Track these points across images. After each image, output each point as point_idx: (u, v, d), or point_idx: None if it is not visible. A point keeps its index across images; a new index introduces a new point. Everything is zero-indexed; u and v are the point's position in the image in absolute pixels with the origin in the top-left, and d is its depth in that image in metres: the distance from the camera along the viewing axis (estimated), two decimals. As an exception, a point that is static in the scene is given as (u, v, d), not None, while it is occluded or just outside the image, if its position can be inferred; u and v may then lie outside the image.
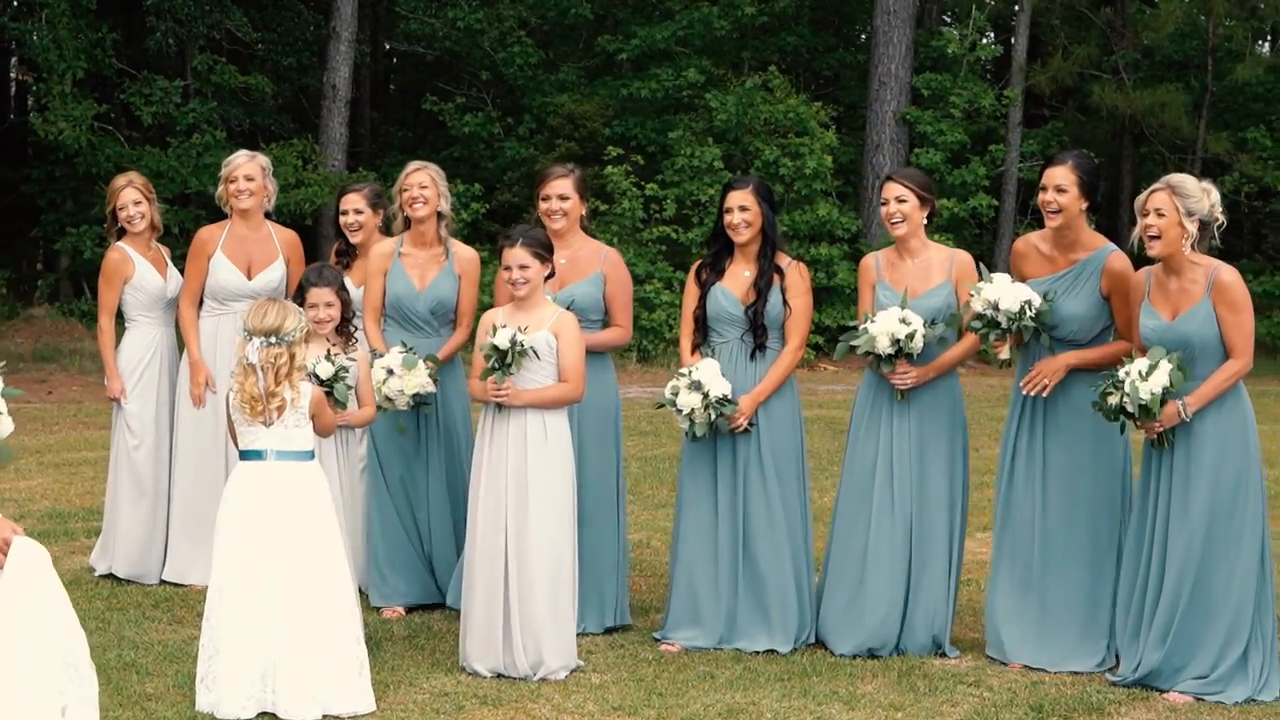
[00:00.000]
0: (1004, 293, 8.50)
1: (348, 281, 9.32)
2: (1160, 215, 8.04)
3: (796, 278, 9.07)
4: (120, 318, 10.23)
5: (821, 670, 8.53)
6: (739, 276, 9.07)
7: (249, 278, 10.00)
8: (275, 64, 29.97)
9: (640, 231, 26.29)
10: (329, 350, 8.55)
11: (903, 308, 8.76)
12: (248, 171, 9.99)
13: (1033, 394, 8.63)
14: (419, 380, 9.15)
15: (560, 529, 8.33)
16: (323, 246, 24.21)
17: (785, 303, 9.01)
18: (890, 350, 8.71)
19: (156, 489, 10.12)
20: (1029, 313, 8.47)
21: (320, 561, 7.77)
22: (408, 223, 9.62)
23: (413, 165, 9.66)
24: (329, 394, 8.39)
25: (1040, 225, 8.97)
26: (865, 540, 8.85)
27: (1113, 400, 8.13)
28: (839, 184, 27.61)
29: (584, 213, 9.41)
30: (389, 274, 9.60)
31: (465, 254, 9.72)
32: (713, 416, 8.80)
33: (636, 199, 26.32)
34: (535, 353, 8.29)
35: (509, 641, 8.25)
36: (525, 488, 8.26)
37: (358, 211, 9.96)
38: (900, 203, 8.89)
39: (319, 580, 7.72)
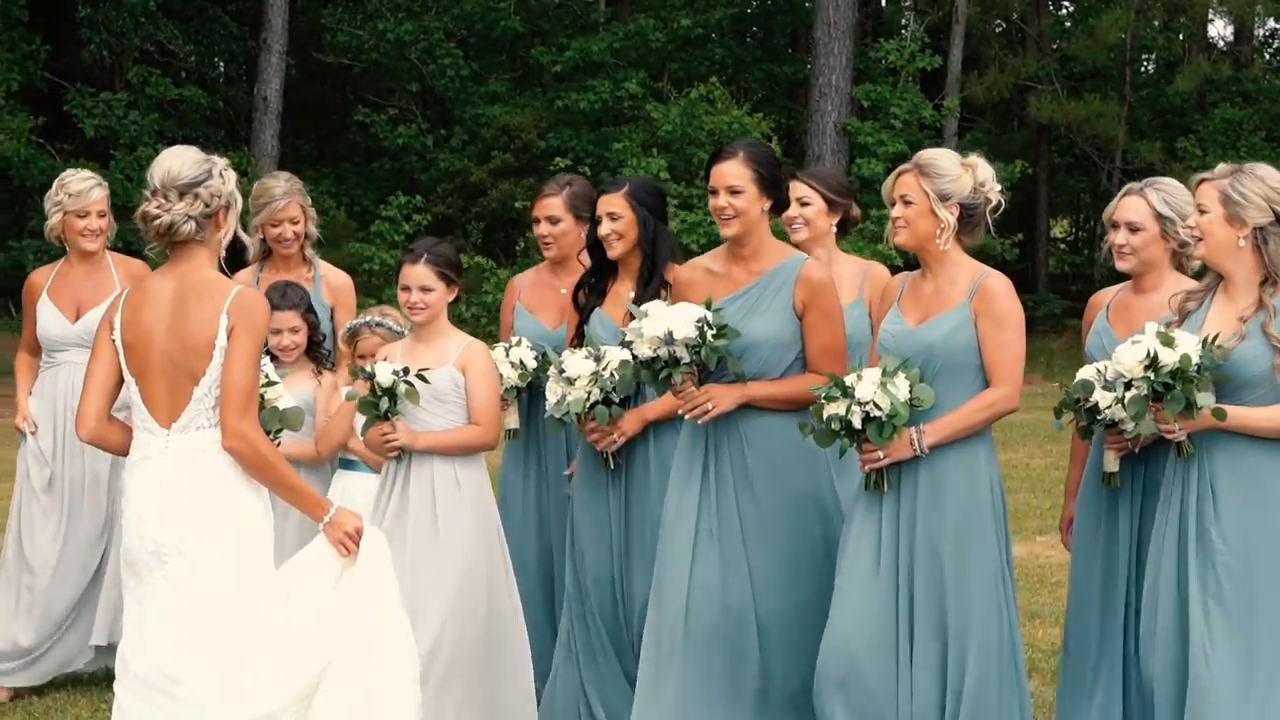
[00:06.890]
0: (670, 318, 6.25)
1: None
2: (907, 203, 6.06)
3: None
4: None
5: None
6: (623, 298, 7.15)
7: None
8: (203, 76, 29.71)
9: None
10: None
11: None
12: (100, 209, 8.55)
13: (691, 418, 6.37)
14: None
15: (475, 599, 6.86)
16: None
17: None
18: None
19: None
20: (709, 331, 6.21)
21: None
22: (266, 250, 8.24)
23: (279, 194, 8.12)
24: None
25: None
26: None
27: (834, 410, 5.94)
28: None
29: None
30: None
31: (337, 280, 8.27)
32: (589, 399, 6.82)
33: (590, 211, 26.30)
34: (433, 393, 6.87)
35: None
36: (435, 543, 6.86)
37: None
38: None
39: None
